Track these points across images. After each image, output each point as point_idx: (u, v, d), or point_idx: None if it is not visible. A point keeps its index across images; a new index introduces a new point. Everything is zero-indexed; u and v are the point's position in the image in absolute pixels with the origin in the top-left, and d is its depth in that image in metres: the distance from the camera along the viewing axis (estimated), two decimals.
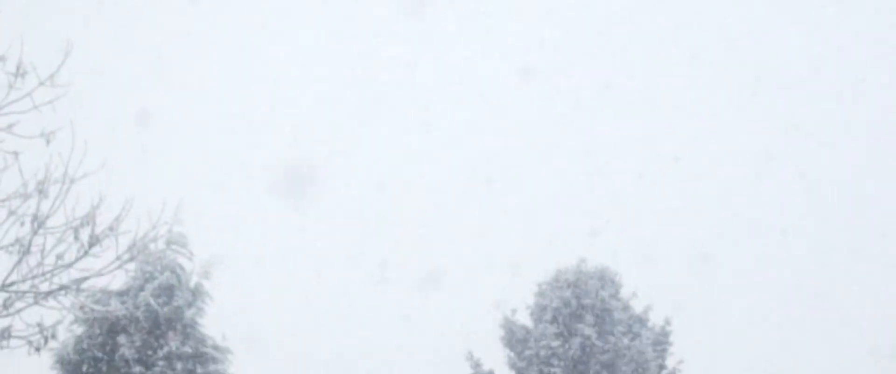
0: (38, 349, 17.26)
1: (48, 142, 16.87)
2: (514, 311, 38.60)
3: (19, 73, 16.31)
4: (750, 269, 62.93)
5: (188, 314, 27.77)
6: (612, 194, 64.86)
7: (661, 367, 38.02)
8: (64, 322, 18.00)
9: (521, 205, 66.23)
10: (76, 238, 17.00)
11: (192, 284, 27.98)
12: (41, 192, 16.84)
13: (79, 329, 27.06)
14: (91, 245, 17.13)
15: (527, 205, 66.49)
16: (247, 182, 66.78)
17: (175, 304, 27.57)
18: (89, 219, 17.05)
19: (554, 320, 37.66)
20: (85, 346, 27.15)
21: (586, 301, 37.74)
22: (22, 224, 16.89)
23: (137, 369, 26.93)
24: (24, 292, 16.97)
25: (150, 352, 27.25)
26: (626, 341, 37.64)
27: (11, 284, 16.87)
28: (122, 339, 27.15)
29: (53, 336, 17.31)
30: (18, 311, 16.99)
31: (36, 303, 17.10)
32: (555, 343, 37.24)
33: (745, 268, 62.80)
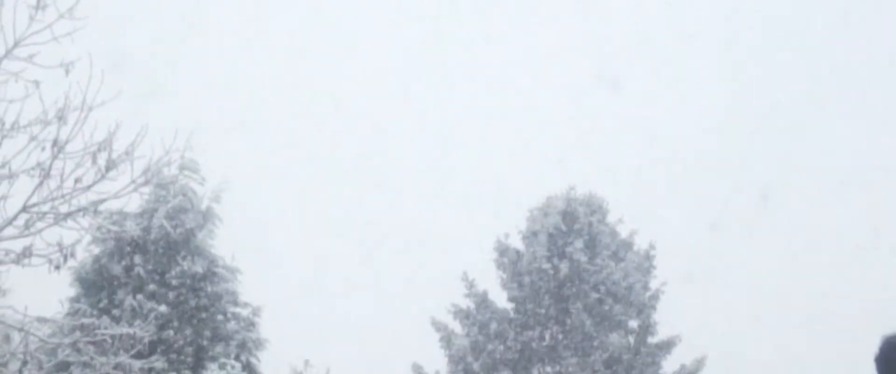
0: (57, 267, 17.34)
1: (67, 72, 16.90)
2: (506, 235, 38.78)
3: (40, 6, 16.33)
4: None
5: (199, 235, 27.90)
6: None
7: (646, 288, 38.22)
8: (82, 242, 18.10)
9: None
10: (94, 163, 17.06)
11: (203, 207, 28.08)
12: (61, 119, 16.88)
13: (96, 249, 27.16)
14: (108, 169, 17.20)
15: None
16: (261, 116, 66.72)
17: (187, 226, 27.67)
18: (106, 145, 17.11)
19: (544, 243, 37.88)
20: (102, 265, 27.26)
21: (575, 226, 37.98)
22: (43, 149, 16.95)
23: (151, 287, 27.06)
24: (45, 214, 17.03)
25: (163, 271, 27.39)
26: (612, 264, 37.87)
27: (33, 205, 16.93)
28: (136, 258, 27.27)
29: (72, 255, 17.40)
30: (39, 231, 17.06)
31: (56, 224, 17.17)
32: (545, 265, 37.46)
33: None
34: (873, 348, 5.07)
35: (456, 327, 38.37)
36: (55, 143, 16.87)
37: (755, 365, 47.40)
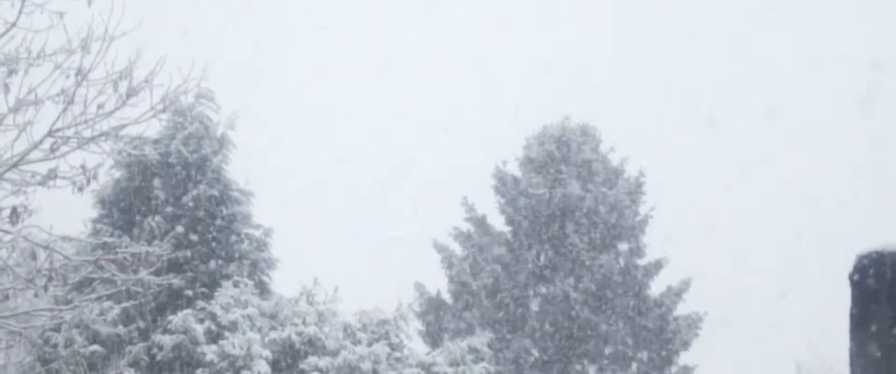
0: (80, 189, 17.40)
1: (90, 3, 16.90)
2: (505, 162, 38.85)
3: None
4: None
5: (215, 160, 27.90)
6: None
7: (635, 213, 38.32)
8: (104, 166, 18.15)
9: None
10: (115, 90, 17.10)
11: (218, 134, 28.07)
12: (84, 48, 16.89)
13: (117, 172, 27.15)
14: (128, 96, 17.23)
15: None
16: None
17: (202, 152, 27.67)
18: (127, 73, 17.13)
19: (540, 170, 37.97)
20: (122, 187, 27.29)
21: (569, 154, 38.06)
22: (67, 77, 16.98)
23: (168, 209, 27.09)
24: (69, 138, 17.07)
25: (180, 194, 27.41)
26: (604, 190, 37.97)
27: (57, 130, 16.97)
28: (155, 182, 27.28)
29: (95, 178, 17.46)
30: (64, 154, 17.11)
31: (79, 148, 17.22)
32: (540, 191, 37.56)
33: None
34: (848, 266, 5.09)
35: (456, 249, 38.50)
36: (79, 71, 16.90)
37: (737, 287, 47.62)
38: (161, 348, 24.84)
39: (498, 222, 38.54)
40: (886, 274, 5.03)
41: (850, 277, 5.14)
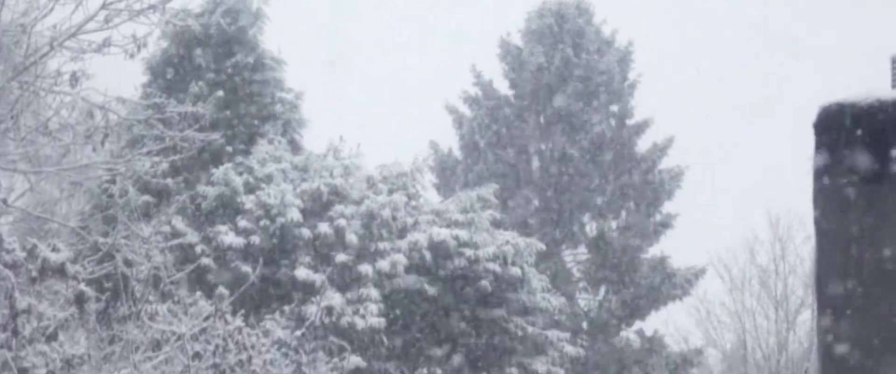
0: (132, 56, 17.34)
1: None
2: (508, 34, 38.76)
3: None
4: None
5: (251, 32, 27.84)
6: None
7: (624, 79, 38.27)
8: (153, 36, 18.09)
9: None
10: None
11: (254, 8, 27.95)
12: None
13: (164, 42, 27.13)
14: None
15: None
16: None
17: (240, 24, 27.60)
18: None
19: (540, 40, 37.85)
20: (169, 55, 27.26)
21: (566, 26, 37.93)
22: None
23: (210, 75, 27.09)
24: (121, 10, 17.00)
25: (220, 62, 27.40)
26: (596, 57, 37.91)
27: (111, 3, 16.88)
28: (198, 51, 27.25)
29: (144, 46, 17.39)
30: (116, 25, 17.03)
31: (130, 19, 17.13)
32: (540, 59, 37.48)
33: None
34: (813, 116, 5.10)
35: (466, 111, 38.53)
36: None
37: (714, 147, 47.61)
38: (205, 197, 25.00)
39: (502, 87, 38.55)
40: (845, 124, 5.04)
41: (814, 127, 5.15)
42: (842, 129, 5.06)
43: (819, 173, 5.12)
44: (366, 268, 24.40)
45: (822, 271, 5.18)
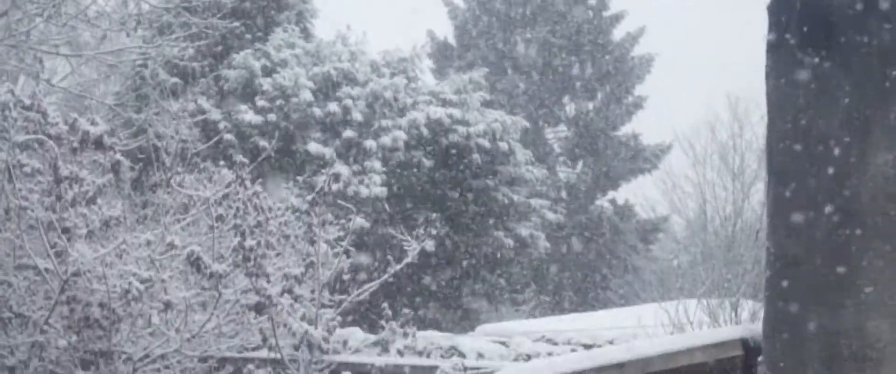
0: None
1: None
2: None
3: None
4: None
5: None
6: None
7: None
8: None
9: None
10: None
11: None
12: None
13: None
14: None
15: None
16: None
17: None
18: None
19: None
20: None
21: None
22: None
23: None
24: None
25: None
26: None
27: None
28: None
29: None
30: None
31: None
32: None
33: None
34: None
35: (460, 2, 38.23)
36: None
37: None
38: (227, 79, 24.90)
39: None
40: (795, 5, 5.00)
41: (768, 8, 5.10)
42: (792, 9, 5.02)
43: (771, 49, 5.09)
44: (370, 143, 24.40)
45: (772, 141, 5.17)
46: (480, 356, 12.81)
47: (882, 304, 4.90)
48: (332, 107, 24.65)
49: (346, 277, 14.13)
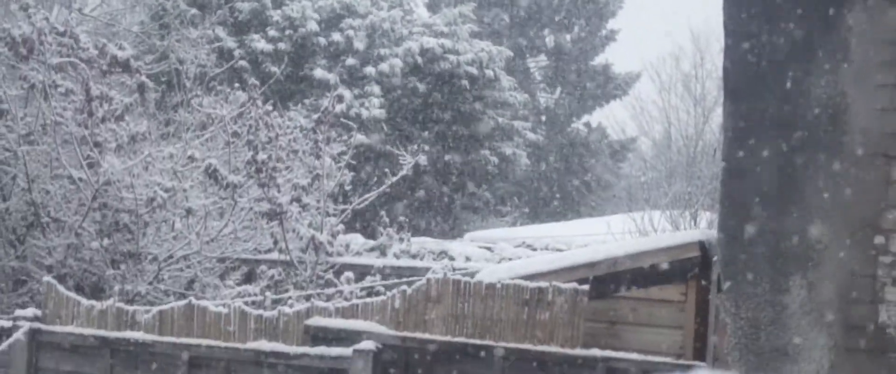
0: None
1: None
2: None
3: None
4: None
5: None
6: None
7: None
8: None
9: None
10: None
11: None
12: None
13: None
14: None
15: None
16: None
17: None
18: None
19: None
20: None
21: None
22: None
23: None
24: None
25: None
26: None
27: None
28: None
29: None
30: None
31: None
32: None
33: None
34: None
35: None
36: None
37: None
38: (241, 11, 24.70)
39: None
40: None
41: None
42: None
43: None
44: (369, 69, 24.32)
45: (728, 62, 5.20)
46: (468, 259, 12.93)
47: (823, 210, 4.97)
48: (336, 36, 24.51)
49: (348, 188, 14.18)
